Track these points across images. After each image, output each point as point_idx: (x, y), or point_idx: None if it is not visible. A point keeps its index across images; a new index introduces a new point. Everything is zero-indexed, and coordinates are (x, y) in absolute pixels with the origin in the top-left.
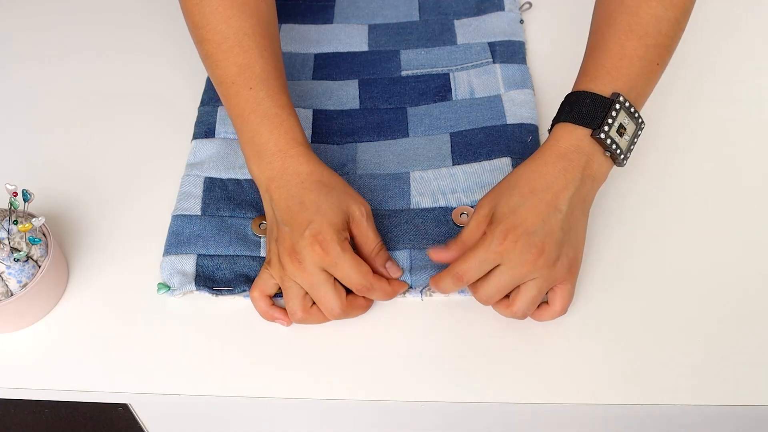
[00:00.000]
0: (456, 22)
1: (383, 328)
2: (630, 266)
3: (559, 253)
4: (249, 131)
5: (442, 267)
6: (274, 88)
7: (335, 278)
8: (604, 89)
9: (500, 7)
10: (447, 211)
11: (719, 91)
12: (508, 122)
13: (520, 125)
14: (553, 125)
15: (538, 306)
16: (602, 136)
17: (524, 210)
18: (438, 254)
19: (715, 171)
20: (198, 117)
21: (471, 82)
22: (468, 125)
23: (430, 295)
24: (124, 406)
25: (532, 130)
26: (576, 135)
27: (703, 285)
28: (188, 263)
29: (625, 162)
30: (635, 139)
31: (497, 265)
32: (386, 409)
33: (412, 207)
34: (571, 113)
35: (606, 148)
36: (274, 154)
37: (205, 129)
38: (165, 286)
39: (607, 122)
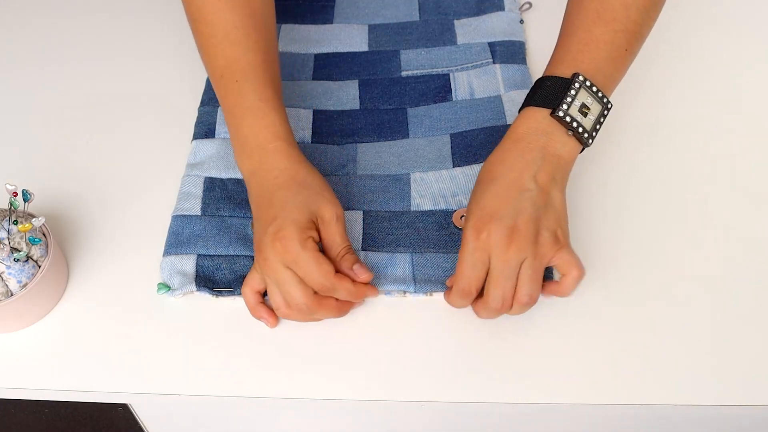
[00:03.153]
0: (456, 22)
1: (383, 329)
2: (629, 267)
3: (537, 227)
4: (234, 125)
5: (444, 269)
6: (261, 81)
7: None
8: (566, 71)
9: (500, 7)
10: (447, 214)
11: (725, 86)
12: (509, 123)
13: None
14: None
15: (559, 282)
16: (561, 114)
17: (488, 200)
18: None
19: (716, 171)
20: (198, 117)
21: (471, 83)
22: (468, 126)
23: (431, 295)
24: (124, 406)
25: None
26: (535, 117)
27: (703, 285)
28: (188, 263)
29: (590, 142)
30: (602, 119)
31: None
32: (386, 409)
33: (412, 209)
34: (533, 97)
35: (567, 127)
36: (254, 149)
37: (205, 129)
38: (165, 287)
39: (566, 101)
